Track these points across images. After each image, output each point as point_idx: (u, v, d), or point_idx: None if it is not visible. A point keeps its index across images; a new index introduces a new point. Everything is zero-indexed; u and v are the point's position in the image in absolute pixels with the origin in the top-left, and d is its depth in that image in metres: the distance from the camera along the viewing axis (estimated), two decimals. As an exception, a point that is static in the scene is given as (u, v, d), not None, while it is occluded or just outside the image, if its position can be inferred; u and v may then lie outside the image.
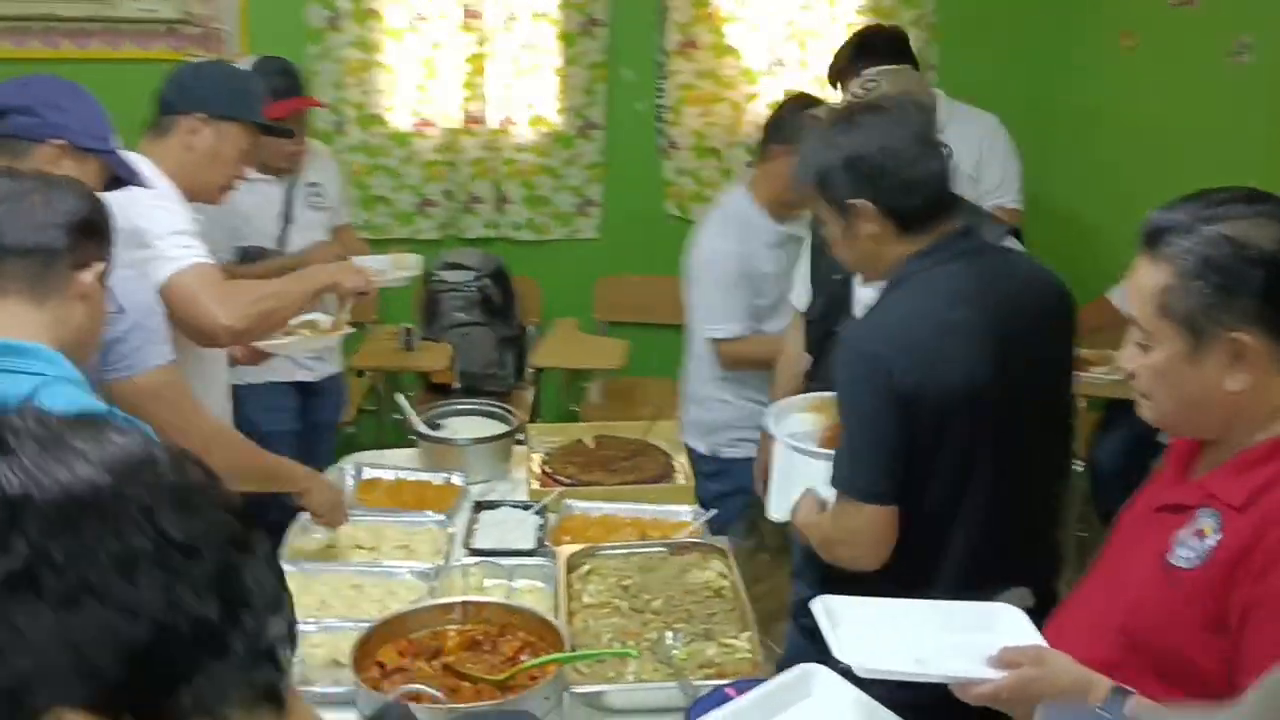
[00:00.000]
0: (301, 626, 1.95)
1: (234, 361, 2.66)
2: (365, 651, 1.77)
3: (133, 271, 2.02)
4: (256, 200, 3.21)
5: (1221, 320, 1.36)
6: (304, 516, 2.41)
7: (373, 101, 4.54)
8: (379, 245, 4.67)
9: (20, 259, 1.45)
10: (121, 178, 2.04)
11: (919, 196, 1.91)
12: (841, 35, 4.48)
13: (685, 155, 4.68)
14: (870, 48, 3.38)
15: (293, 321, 2.62)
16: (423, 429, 2.81)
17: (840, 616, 1.54)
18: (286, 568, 2.17)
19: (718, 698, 1.63)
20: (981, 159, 3.58)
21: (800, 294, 2.82)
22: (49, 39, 4.33)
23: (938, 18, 4.53)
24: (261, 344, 2.58)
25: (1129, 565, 1.52)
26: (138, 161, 2.15)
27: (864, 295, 2.53)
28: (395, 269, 3.11)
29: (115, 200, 1.80)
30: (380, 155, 4.59)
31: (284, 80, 3.19)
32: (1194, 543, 1.40)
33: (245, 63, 3.26)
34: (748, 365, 3.18)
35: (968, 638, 1.50)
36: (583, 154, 4.65)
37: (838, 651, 1.48)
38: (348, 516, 2.35)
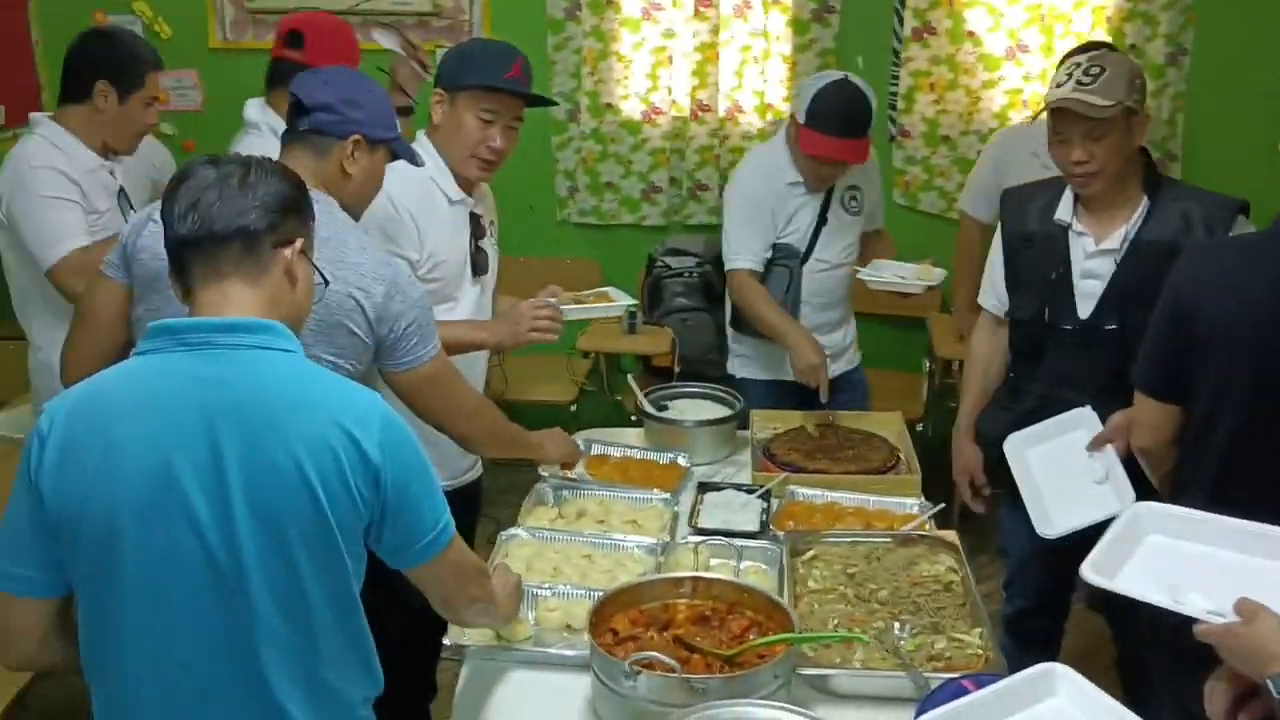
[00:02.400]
0: (537, 591, 2.06)
1: None
2: (599, 618, 1.83)
3: (408, 271, 2.18)
4: None
5: None
6: (538, 486, 2.52)
7: (606, 90, 4.65)
8: (605, 231, 4.81)
9: (230, 242, 1.52)
10: (399, 156, 2.21)
11: None
12: (1089, 19, 4.32)
13: (916, 144, 4.59)
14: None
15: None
16: (650, 410, 2.87)
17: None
18: (522, 535, 2.28)
19: (953, 690, 1.61)
20: None
21: (991, 296, 2.72)
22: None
23: None
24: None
25: None
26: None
27: (1086, 287, 2.46)
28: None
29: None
30: (611, 143, 4.70)
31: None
32: None
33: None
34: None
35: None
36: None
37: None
38: (581, 454, 2.57)
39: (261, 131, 2.77)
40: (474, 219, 2.59)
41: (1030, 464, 2.42)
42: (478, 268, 2.61)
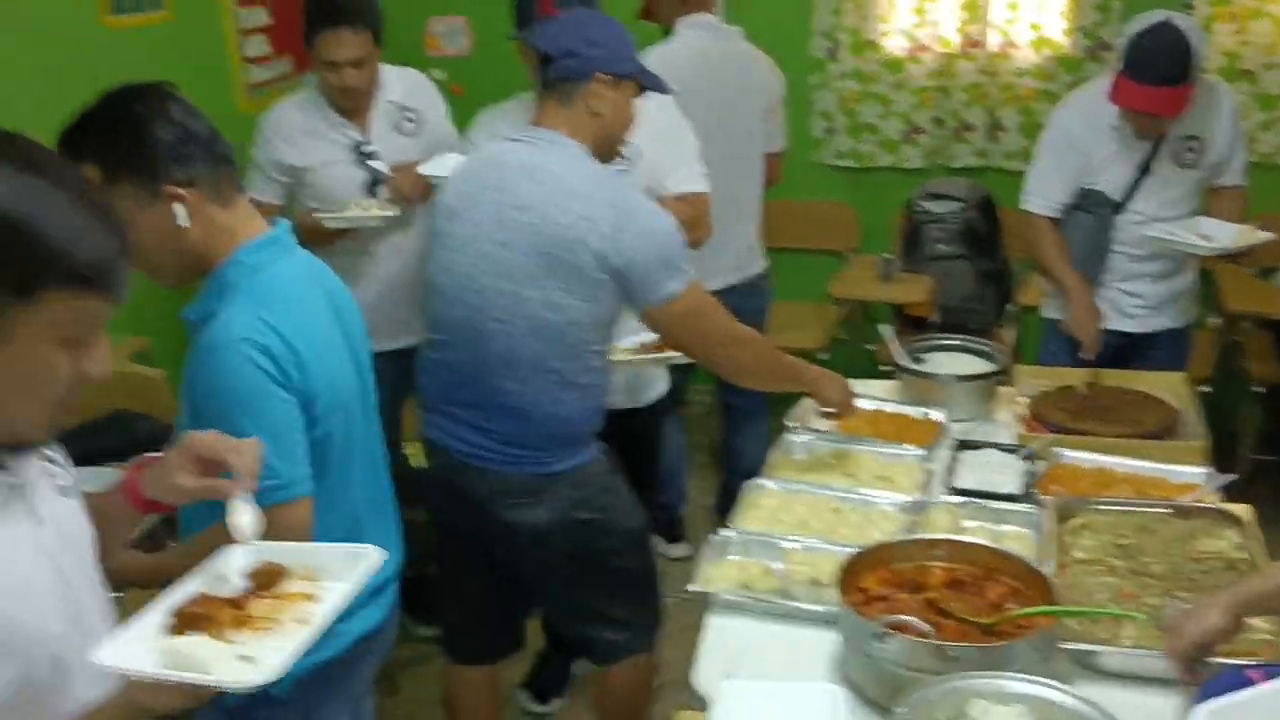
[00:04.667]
0: (784, 544, 2.03)
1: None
2: (849, 575, 1.78)
3: (651, 205, 2.18)
4: None
5: None
6: (785, 437, 2.48)
7: (869, 27, 4.48)
8: (862, 174, 4.67)
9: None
10: (646, 87, 2.24)
11: None
12: None
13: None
14: None
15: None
16: (905, 362, 2.77)
17: None
18: (769, 485, 2.26)
19: (1235, 679, 1.47)
20: None
21: None
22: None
23: None
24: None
25: None
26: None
27: None
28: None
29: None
30: (871, 82, 4.54)
31: None
32: None
33: None
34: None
35: None
36: (1092, 78, 4.30)
37: None
38: (855, 408, 2.45)
39: None
40: None
41: None
42: None
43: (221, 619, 1.22)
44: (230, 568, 1.34)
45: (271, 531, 1.41)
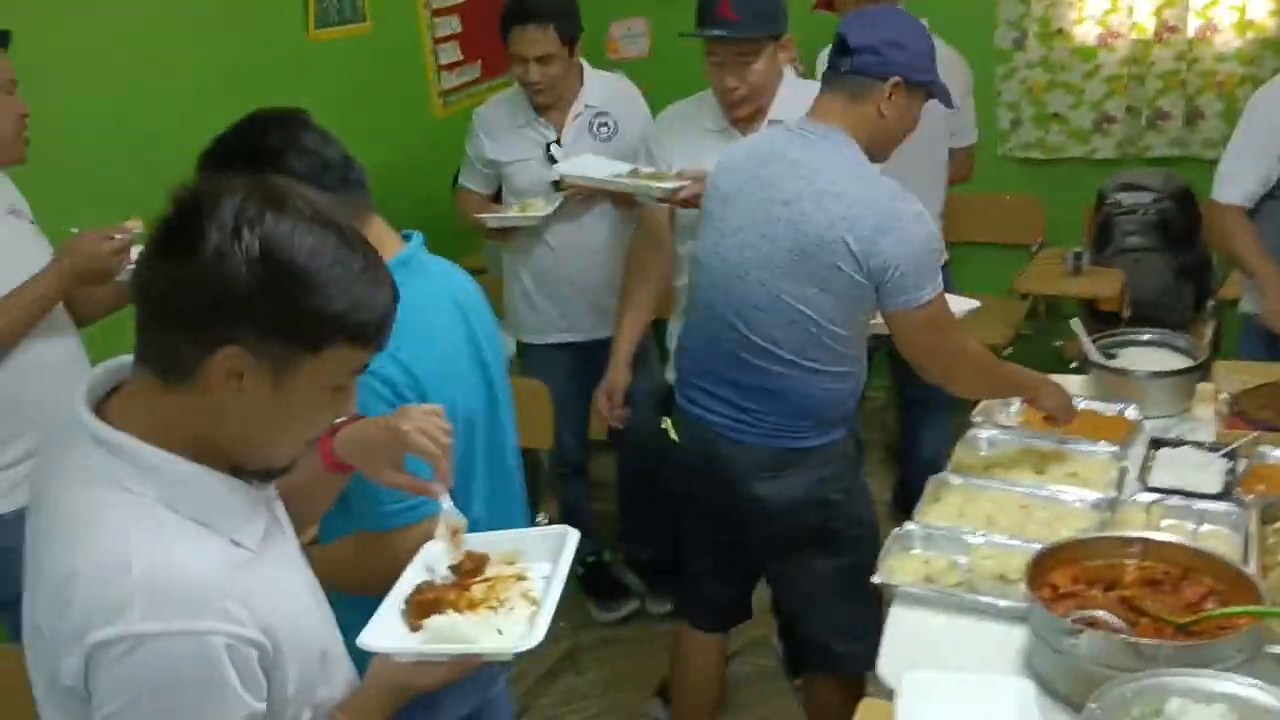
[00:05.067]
0: (970, 538, 2.02)
1: None
2: (1038, 571, 1.76)
3: (916, 210, 2.17)
4: None
5: None
6: (970, 432, 2.45)
7: (1058, 15, 4.36)
8: (1050, 165, 4.54)
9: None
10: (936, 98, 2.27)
11: None
12: None
13: None
14: None
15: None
16: (1098, 358, 2.70)
17: None
18: (953, 480, 2.24)
19: None
20: None
21: None
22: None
23: None
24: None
25: None
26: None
27: None
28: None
29: None
30: (1060, 71, 4.41)
31: None
32: None
33: None
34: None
35: None
36: (1300, 61, 4.09)
37: None
38: (1075, 415, 2.41)
39: None
40: None
41: None
42: None
43: (455, 603, 1.31)
44: (436, 561, 1.43)
45: (391, 551, 1.49)
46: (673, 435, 2.47)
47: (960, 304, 2.56)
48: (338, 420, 1.47)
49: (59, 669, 1.08)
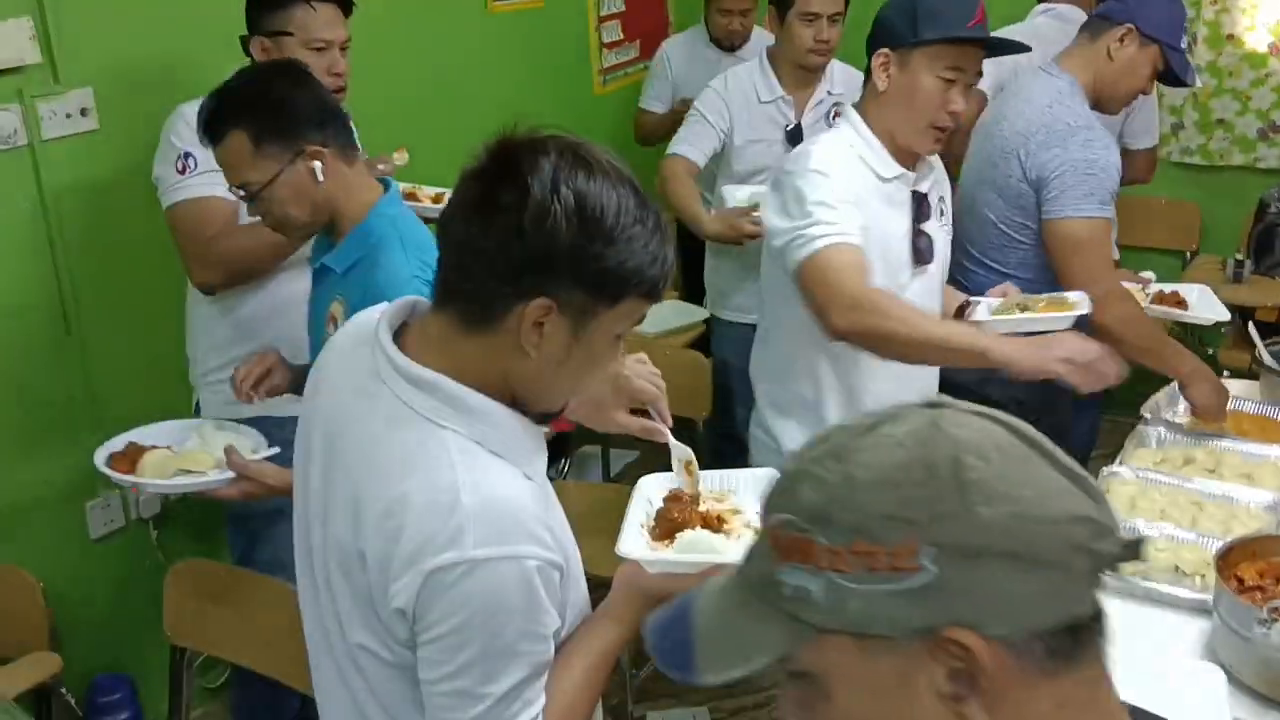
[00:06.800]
0: (1145, 530, 2.04)
1: None
2: (1225, 563, 1.78)
3: (1089, 136, 2.34)
4: None
5: None
6: (1141, 428, 2.45)
7: (1229, 21, 4.27)
8: (1211, 171, 4.46)
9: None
10: (1175, 75, 2.39)
11: None
12: None
13: None
14: None
15: None
16: (1270, 362, 2.67)
17: None
18: (1124, 473, 2.25)
19: None
20: None
21: None
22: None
23: None
24: None
25: None
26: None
27: None
28: None
29: None
30: (1228, 77, 4.32)
31: None
32: None
33: None
34: None
35: None
36: None
37: None
38: (1225, 417, 2.42)
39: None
40: (917, 199, 2.18)
41: None
42: (919, 255, 2.19)
43: (695, 522, 1.39)
44: (653, 493, 1.52)
45: None
46: None
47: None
48: None
49: (388, 591, 1.15)
